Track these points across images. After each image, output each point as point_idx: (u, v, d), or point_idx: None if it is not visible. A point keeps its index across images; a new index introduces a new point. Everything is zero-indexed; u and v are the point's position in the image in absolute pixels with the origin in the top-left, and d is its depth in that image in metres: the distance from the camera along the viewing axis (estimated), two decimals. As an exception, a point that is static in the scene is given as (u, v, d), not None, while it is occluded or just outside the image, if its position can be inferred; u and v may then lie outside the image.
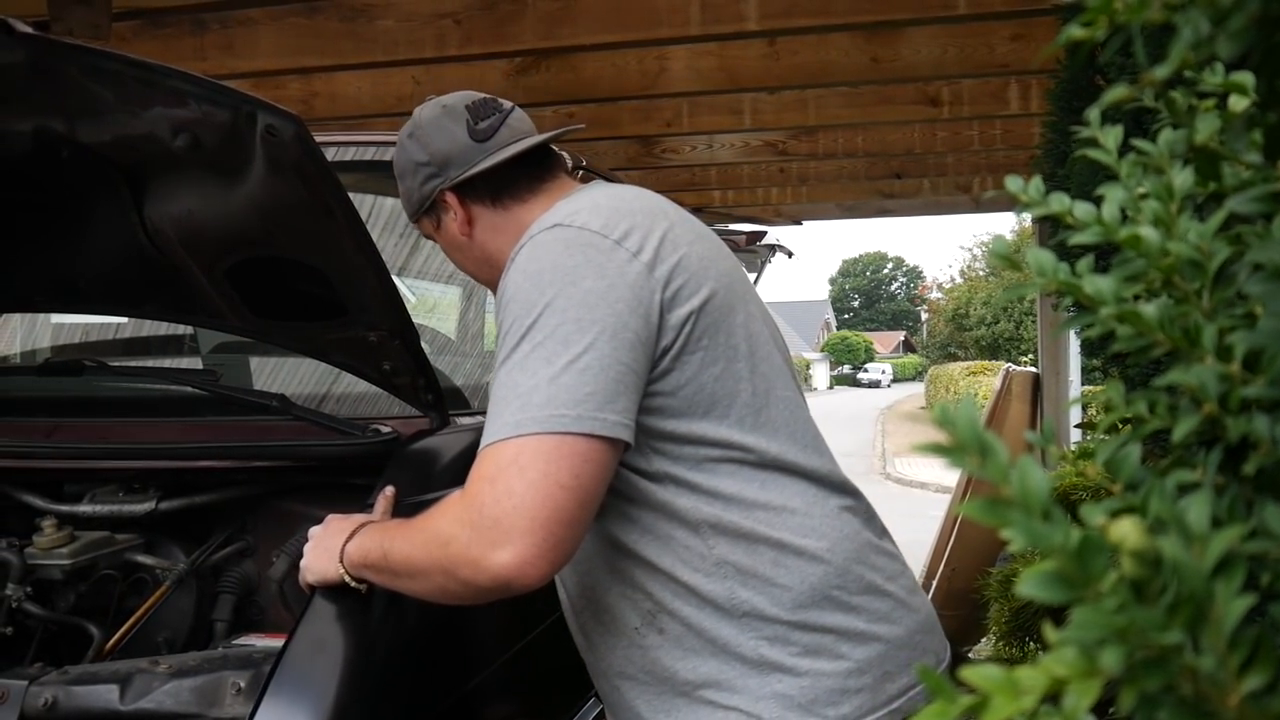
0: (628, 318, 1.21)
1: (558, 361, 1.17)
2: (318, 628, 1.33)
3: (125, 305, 1.97)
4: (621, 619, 1.33)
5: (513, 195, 1.45)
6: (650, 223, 1.30)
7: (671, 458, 1.27)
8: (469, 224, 1.46)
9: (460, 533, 1.15)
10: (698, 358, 1.27)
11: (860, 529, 1.36)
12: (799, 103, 4.52)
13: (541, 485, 1.13)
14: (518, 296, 1.23)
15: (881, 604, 1.33)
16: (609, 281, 1.22)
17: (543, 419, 1.15)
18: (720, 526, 1.27)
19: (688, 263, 1.29)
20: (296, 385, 1.98)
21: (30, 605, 1.64)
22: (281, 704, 1.24)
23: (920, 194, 6.70)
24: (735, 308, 1.32)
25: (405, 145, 1.47)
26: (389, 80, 4.12)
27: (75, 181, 1.63)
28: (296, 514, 1.78)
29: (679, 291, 1.26)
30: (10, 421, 1.91)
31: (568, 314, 1.19)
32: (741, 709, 1.26)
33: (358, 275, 1.54)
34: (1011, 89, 4.33)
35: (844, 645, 1.28)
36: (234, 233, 1.60)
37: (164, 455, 1.73)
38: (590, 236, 1.25)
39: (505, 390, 1.19)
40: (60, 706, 1.37)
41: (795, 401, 1.38)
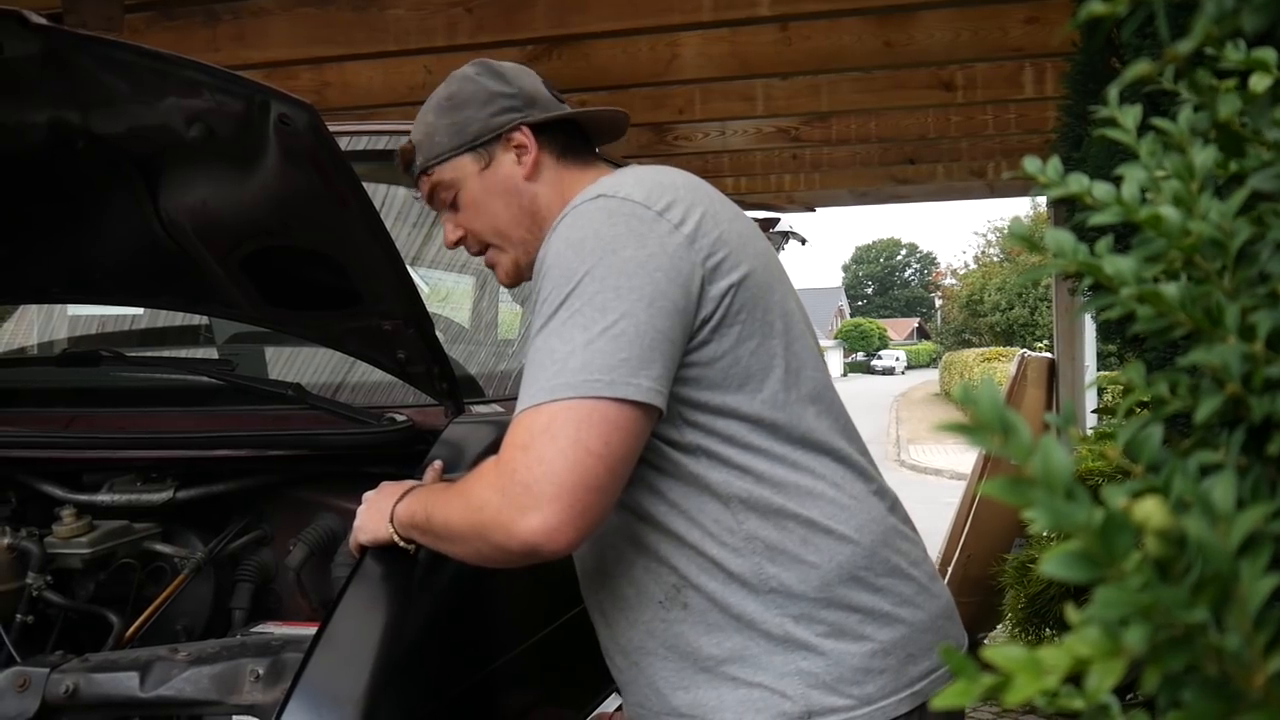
0: (666, 286, 1.22)
1: (594, 328, 1.18)
2: (367, 586, 1.38)
3: (140, 296, 1.97)
4: (644, 593, 1.33)
5: (576, 156, 1.48)
6: (693, 197, 1.31)
7: (705, 430, 1.28)
8: (536, 167, 1.44)
9: (493, 498, 1.17)
10: (735, 331, 1.27)
11: (886, 513, 1.37)
12: (811, 88, 4.50)
13: (572, 452, 1.14)
14: (558, 264, 1.24)
15: (906, 587, 1.33)
16: (649, 251, 1.23)
17: (576, 384, 1.16)
18: (751, 502, 1.28)
19: (728, 238, 1.29)
20: (311, 375, 1.99)
21: (50, 594, 1.65)
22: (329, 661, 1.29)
23: (934, 179, 6.66)
24: (773, 286, 1.33)
25: (475, 78, 1.46)
26: (401, 69, 4.12)
27: (90, 173, 1.63)
28: (313, 503, 1.80)
29: (720, 264, 1.27)
30: (29, 412, 1.93)
31: (606, 281, 1.20)
32: (765, 685, 1.27)
33: (372, 264, 1.53)
34: (1026, 73, 4.29)
35: (869, 626, 1.29)
36: (248, 222, 1.60)
37: (181, 444, 1.74)
38: (633, 207, 1.26)
39: (541, 356, 1.20)
40: (81, 693, 1.38)
41: (826, 383, 1.38)
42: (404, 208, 2.41)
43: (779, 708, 1.26)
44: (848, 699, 1.26)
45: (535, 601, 1.74)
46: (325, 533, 1.73)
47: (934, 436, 18.79)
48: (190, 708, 1.40)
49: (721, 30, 3.73)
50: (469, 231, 1.49)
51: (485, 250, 1.50)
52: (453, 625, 1.52)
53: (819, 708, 1.26)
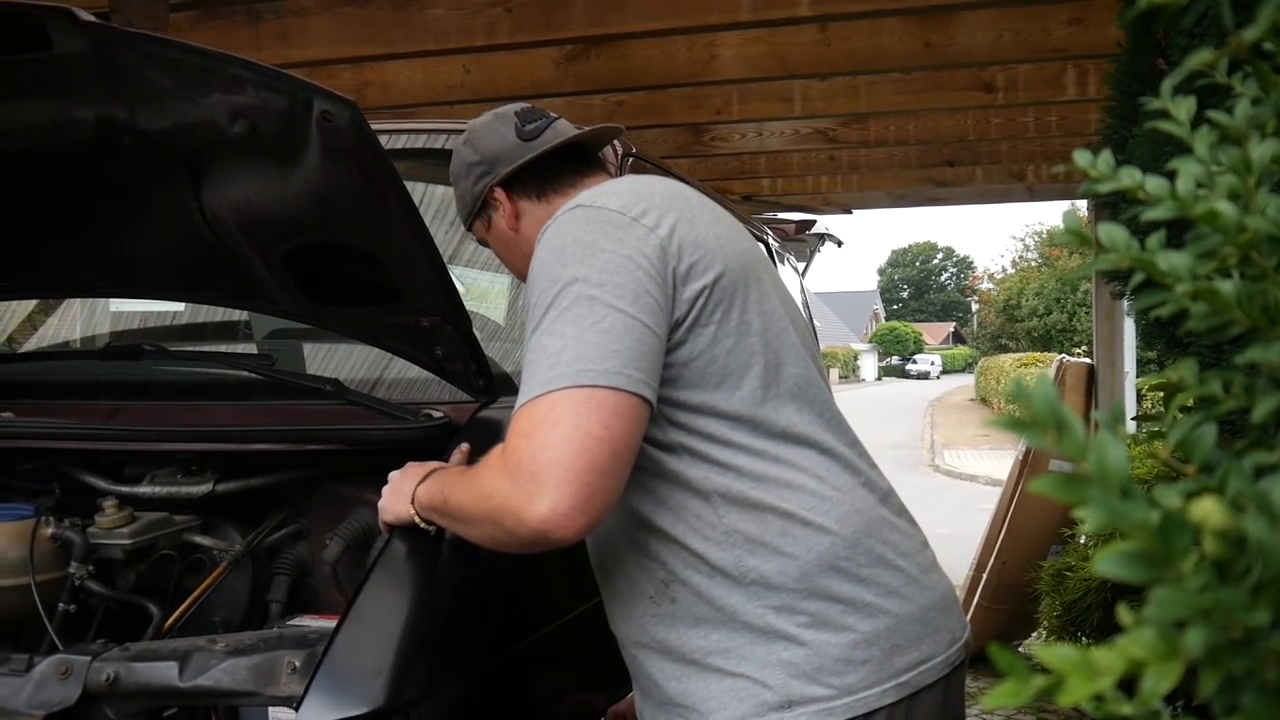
0: (647, 283, 1.26)
1: (583, 323, 1.22)
2: (393, 564, 1.42)
3: (183, 290, 2.00)
4: (637, 588, 1.37)
5: (556, 189, 1.55)
6: (667, 204, 1.36)
7: (686, 429, 1.31)
8: (516, 219, 1.56)
9: (501, 485, 1.20)
10: (710, 331, 1.31)
11: (874, 504, 1.38)
12: (850, 89, 4.47)
13: (574, 437, 1.16)
14: (543, 270, 1.29)
15: (892, 578, 1.35)
16: (627, 252, 1.27)
17: (570, 374, 1.19)
18: (730, 496, 1.30)
19: (703, 241, 1.34)
20: (348, 371, 1.99)
21: (92, 583, 1.67)
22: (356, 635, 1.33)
23: (973, 182, 6.60)
24: (749, 286, 1.36)
25: (459, 151, 1.59)
26: (440, 69, 4.14)
27: (135, 169, 1.65)
28: (349, 498, 1.81)
29: (693, 267, 1.31)
30: (73, 404, 1.96)
31: (590, 280, 1.25)
32: (748, 675, 1.30)
33: (411, 261, 1.54)
34: (1068, 74, 4.24)
35: (850, 617, 1.31)
36: (290, 218, 1.61)
37: (221, 438, 1.75)
38: (609, 214, 1.32)
39: (536, 354, 1.24)
40: (121, 682, 1.40)
41: (809, 379, 1.40)
42: (441, 206, 2.42)
43: (760, 697, 1.29)
44: (828, 689, 1.28)
45: (562, 584, 1.75)
46: (361, 527, 1.74)
47: (969, 441, 18.62)
48: (227, 698, 1.41)
49: (760, 30, 3.72)
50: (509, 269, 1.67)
51: None
52: (480, 603, 1.54)
53: (799, 697, 1.28)
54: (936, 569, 1.44)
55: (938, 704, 1.37)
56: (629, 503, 1.34)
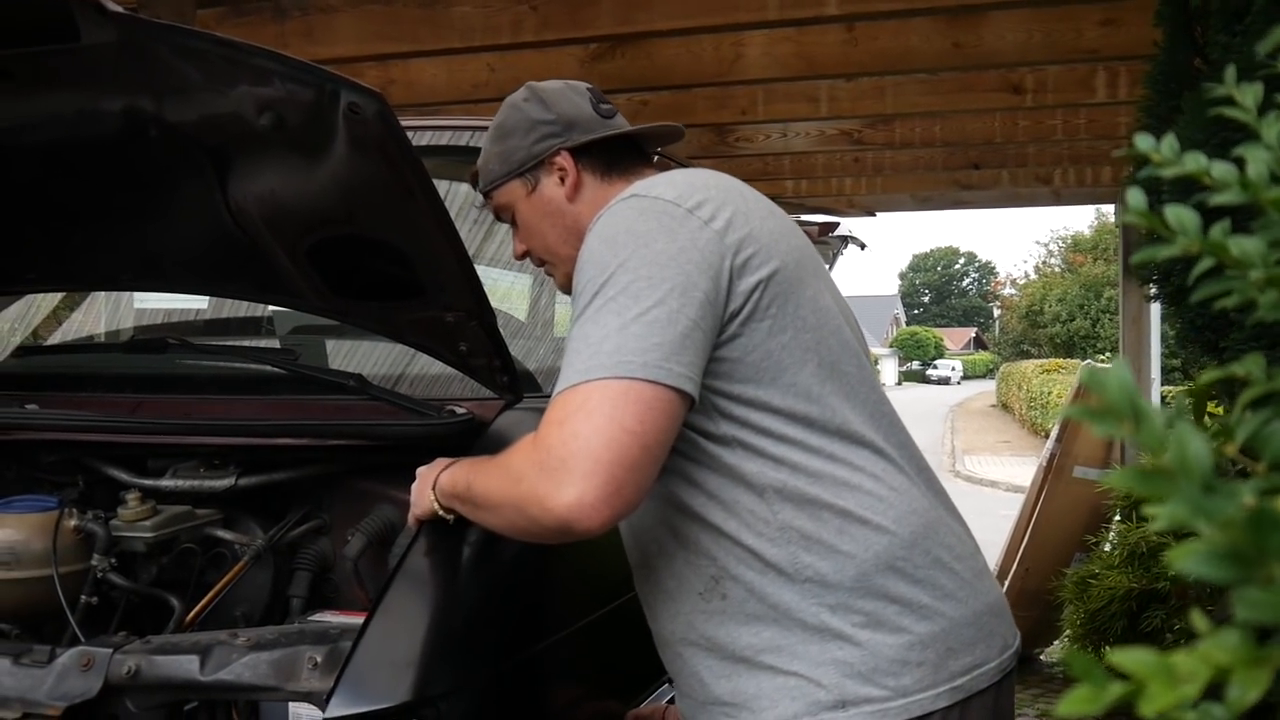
0: (697, 278, 1.24)
1: (627, 314, 1.21)
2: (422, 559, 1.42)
3: (209, 284, 1.99)
4: (685, 584, 1.35)
5: (620, 173, 1.53)
6: (723, 197, 1.34)
7: (739, 422, 1.29)
8: (576, 189, 1.51)
9: (529, 471, 1.19)
10: (765, 325, 1.29)
11: (931, 505, 1.37)
12: (876, 90, 4.44)
13: (606, 429, 1.15)
14: (592, 258, 1.28)
15: (948, 581, 1.33)
16: (680, 244, 1.26)
17: (610, 365, 1.18)
18: (785, 492, 1.28)
19: (758, 235, 1.32)
20: (371, 367, 1.98)
21: (114, 576, 1.67)
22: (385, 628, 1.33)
23: (998, 185, 6.54)
24: (804, 281, 1.35)
25: (519, 106, 1.54)
26: (465, 67, 4.13)
27: (162, 161, 1.64)
28: (372, 493, 1.79)
29: (749, 260, 1.29)
30: (97, 396, 1.95)
31: (639, 272, 1.23)
32: (801, 674, 1.28)
33: (437, 255, 1.53)
34: (1099, 76, 4.19)
35: (906, 618, 1.29)
36: (316, 212, 1.60)
37: (244, 432, 1.74)
38: (664, 205, 1.30)
39: (577, 342, 1.23)
40: (143, 675, 1.39)
41: (863, 377, 1.38)
42: (465, 204, 2.41)
43: (814, 696, 1.27)
44: (883, 690, 1.27)
45: (587, 584, 1.74)
46: (383, 523, 1.73)
47: (990, 448, 18.48)
48: (248, 693, 1.40)
49: (787, 30, 3.69)
50: (528, 247, 1.59)
51: (544, 264, 1.60)
52: (506, 601, 1.53)
53: (853, 697, 1.26)
54: (989, 574, 1.42)
55: (989, 709, 1.35)
56: (677, 495, 1.32)
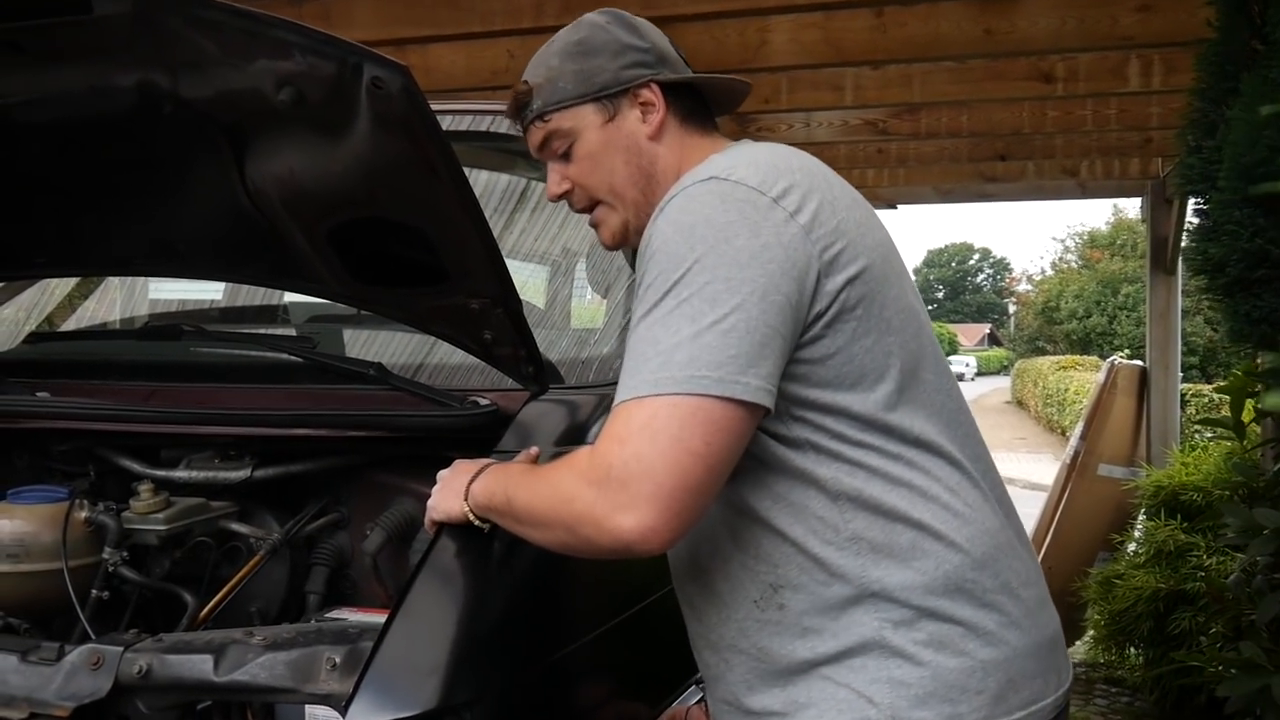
0: (779, 279, 1.16)
1: (702, 320, 1.13)
2: (444, 562, 1.36)
3: (224, 269, 1.94)
4: (740, 590, 1.28)
5: (698, 123, 1.42)
6: (810, 183, 1.24)
7: (814, 425, 1.21)
8: (660, 129, 1.38)
9: (585, 491, 1.13)
10: (850, 327, 1.21)
11: (1002, 526, 1.29)
12: (904, 78, 4.35)
13: (671, 452, 1.09)
14: (665, 249, 1.18)
15: (1014, 608, 1.25)
16: (763, 241, 1.17)
17: (682, 379, 1.11)
18: (860, 500, 1.21)
19: (846, 228, 1.23)
20: (389, 357, 1.94)
21: (126, 570, 1.62)
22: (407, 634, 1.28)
23: (1023, 178, 6.45)
24: (890, 280, 1.27)
25: (606, 27, 1.41)
26: (484, 52, 4.06)
27: (176, 139, 1.58)
28: (391, 486, 1.76)
29: (837, 257, 1.21)
30: (110, 384, 1.91)
31: (717, 272, 1.15)
32: (854, 688, 1.21)
33: (461, 239, 1.47)
34: (1132, 65, 4.10)
35: (970, 642, 1.22)
36: (336, 193, 1.54)
37: (260, 422, 1.70)
38: (747, 192, 1.20)
39: (645, 346, 1.15)
40: (154, 675, 1.34)
41: (941, 385, 1.30)
42: (486, 191, 2.36)
43: (863, 713, 1.21)
44: (937, 716, 1.20)
45: (616, 585, 1.68)
46: (403, 518, 1.69)
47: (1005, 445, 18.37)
48: (264, 694, 1.35)
49: (815, 15, 3.61)
50: (578, 185, 1.41)
51: (592, 207, 1.43)
52: (534, 602, 1.48)
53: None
54: (1050, 603, 1.34)
55: None
56: (740, 497, 1.25)
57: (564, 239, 2.54)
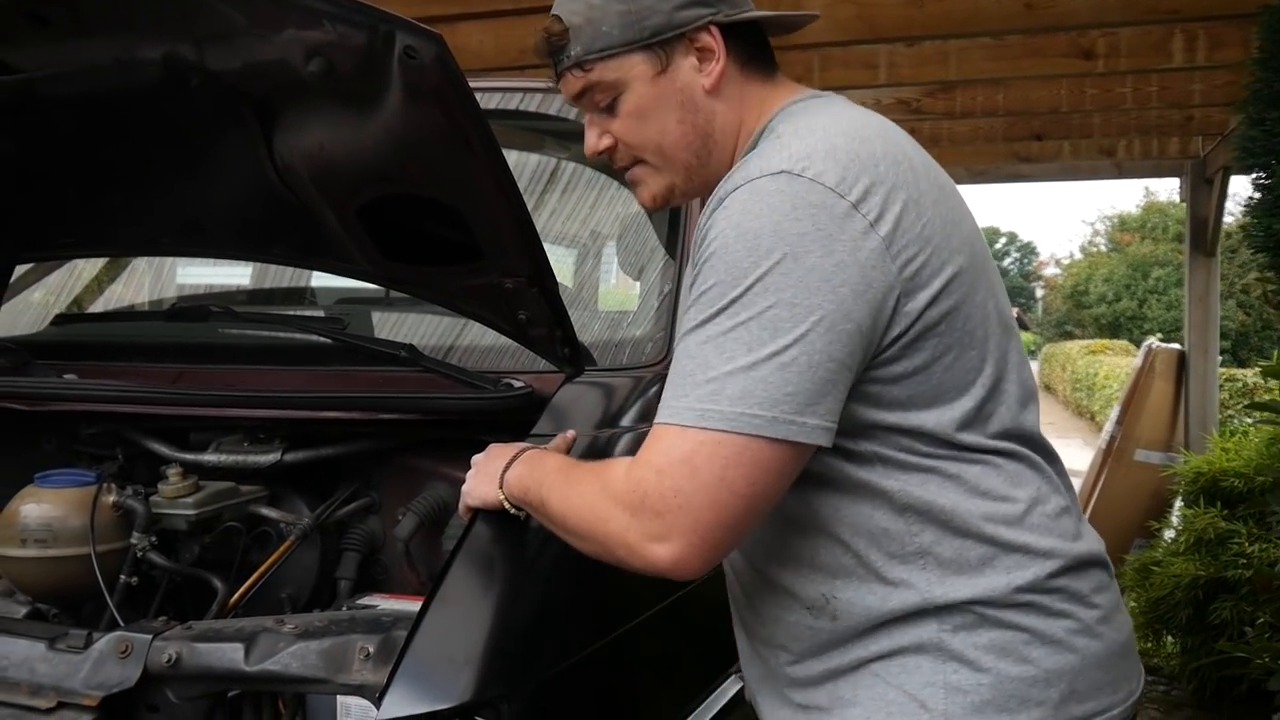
0: (852, 306, 1.04)
1: (761, 349, 1.03)
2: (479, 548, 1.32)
3: (253, 247, 1.91)
4: (793, 595, 1.21)
5: (759, 68, 1.25)
6: (895, 176, 1.10)
7: (883, 442, 1.13)
8: (720, 80, 1.21)
9: (620, 515, 1.07)
10: (931, 344, 1.11)
11: (1078, 532, 1.21)
12: (939, 55, 4.25)
13: (713, 490, 1.03)
14: (725, 256, 1.06)
15: (1086, 615, 1.18)
16: (837, 259, 1.04)
17: (732, 415, 1.02)
18: (930, 513, 1.13)
19: (932, 231, 1.10)
20: (419, 338, 1.90)
21: (155, 555, 1.60)
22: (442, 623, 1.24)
23: (1059, 158, 6.32)
24: (976, 287, 1.15)
25: None
26: (512, 31, 4.00)
27: (204, 114, 1.54)
28: (424, 471, 1.73)
29: (920, 270, 1.09)
30: (138, 366, 1.89)
31: (782, 294, 1.03)
32: (906, 690, 1.14)
33: (496, 216, 1.42)
34: (1175, 40, 3.98)
35: (1036, 649, 1.14)
36: (367, 168, 1.49)
37: (290, 405, 1.66)
38: (822, 194, 1.06)
39: (694, 366, 1.06)
40: (184, 663, 1.31)
41: (1024, 395, 1.21)
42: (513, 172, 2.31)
43: (914, 717, 1.14)
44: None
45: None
46: (436, 503, 1.66)
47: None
48: (295, 685, 1.31)
49: (851, -10, 3.53)
50: (622, 143, 1.26)
51: (635, 164, 1.28)
52: (574, 589, 1.43)
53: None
54: (1123, 609, 1.26)
55: None
56: (797, 505, 1.17)
57: (594, 221, 2.49)
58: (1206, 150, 5.90)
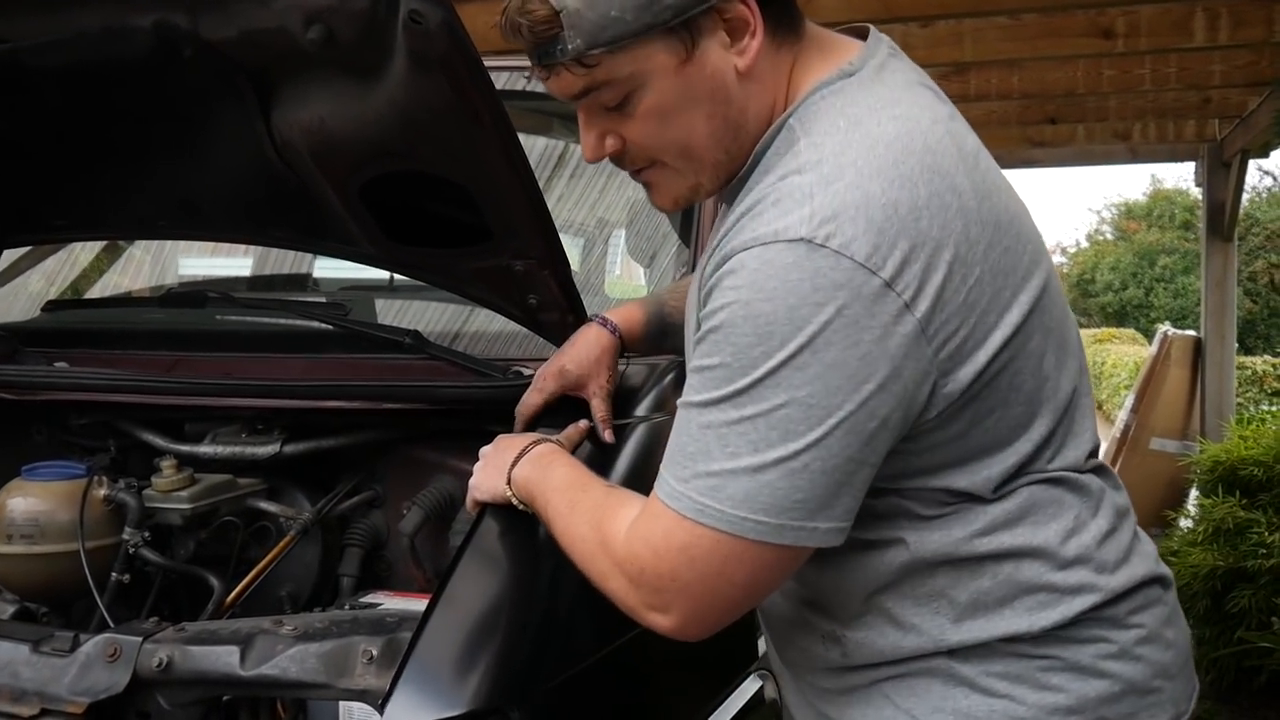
0: (877, 403, 0.91)
1: (768, 452, 0.91)
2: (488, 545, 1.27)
3: (251, 229, 1.84)
4: (808, 625, 1.14)
5: (789, 28, 1.03)
6: (941, 228, 0.92)
7: (903, 495, 1.03)
8: (754, 59, 1.00)
9: (619, 579, 1.02)
10: (969, 412, 0.98)
11: (1123, 556, 1.09)
12: (954, 36, 4.16)
13: (711, 580, 0.97)
14: (732, 338, 0.92)
15: (1121, 637, 1.06)
16: (863, 351, 0.89)
17: (733, 519, 0.93)
18: (949, 557, 1.03)
19: (980, 294, 0.94)
20: (424, 325, 1.85)
21: (148, 551, 1.54)
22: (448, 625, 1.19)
23: (1073, 142, 6.23)
24: (1034, 331, 1.00)
25: None
26: (518, 12, 3.91)
27: (198, 87, 1.48)
28: (430, 463, 1.68)
29: (962, 345, 0.94)
30: (132, 354, 1.84)
31: (797, 393, 0.90)
32: (914, 714, 1.07)
33: (508, 194, 1.36)
34: (1197, 19, 3.89)
35: (1056, 676, 1.04)
36: (369, 143, 1.43)
37: (290, 394, 1.61)
38: (851, 273, 0.89)
39: (695, 448, 0.95)
40: (175, 668, 1.24)
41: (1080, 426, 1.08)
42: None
43: None
44: None
45: None
46: (442, 496, 1.60)
47: None
48: (295, 690, 1.24)
49: (863, -33, 3.44)
50: (635, 146, 1.05)
51: (650, 166, 1.08)
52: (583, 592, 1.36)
53: None
54: (1177, 622, 1.14)
55: None
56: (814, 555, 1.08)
57: (602, 207, 2.44)
58: (1224, 133, 5.82)
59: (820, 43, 1.06)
